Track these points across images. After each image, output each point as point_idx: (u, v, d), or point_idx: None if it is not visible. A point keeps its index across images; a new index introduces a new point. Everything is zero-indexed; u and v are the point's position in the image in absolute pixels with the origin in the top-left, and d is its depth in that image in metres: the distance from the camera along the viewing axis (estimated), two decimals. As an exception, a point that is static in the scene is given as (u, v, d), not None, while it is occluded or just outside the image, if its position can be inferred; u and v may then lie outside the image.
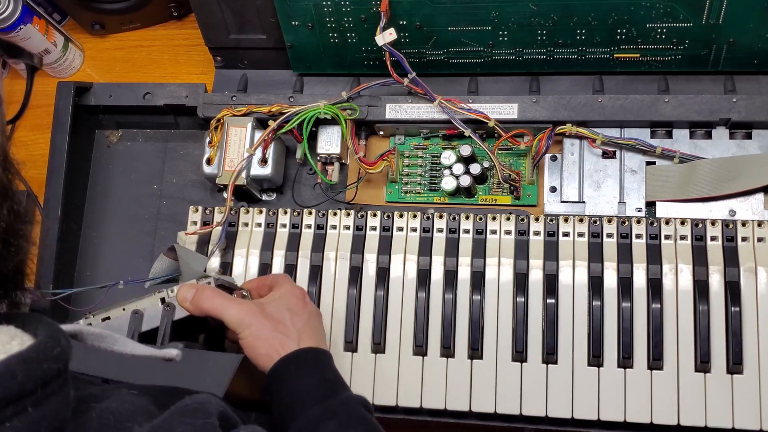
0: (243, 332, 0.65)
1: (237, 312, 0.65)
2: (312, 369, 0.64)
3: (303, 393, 0.62)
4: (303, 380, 0.63)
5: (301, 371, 0.64)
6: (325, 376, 0.64)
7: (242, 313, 0.65)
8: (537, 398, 0.73)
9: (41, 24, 0.93)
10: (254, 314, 0.66)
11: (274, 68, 0.90)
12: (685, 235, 0.75)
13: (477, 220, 0.78)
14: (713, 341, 0.71)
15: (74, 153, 0.87)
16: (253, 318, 0.65)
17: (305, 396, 0.62)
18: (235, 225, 0.83)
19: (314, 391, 0.62)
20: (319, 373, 0.64)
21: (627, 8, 0.75)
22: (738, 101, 0.76)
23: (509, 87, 0.85)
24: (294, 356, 0.64)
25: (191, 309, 0.67)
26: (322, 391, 0.62)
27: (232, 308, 0.66)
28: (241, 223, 0.83)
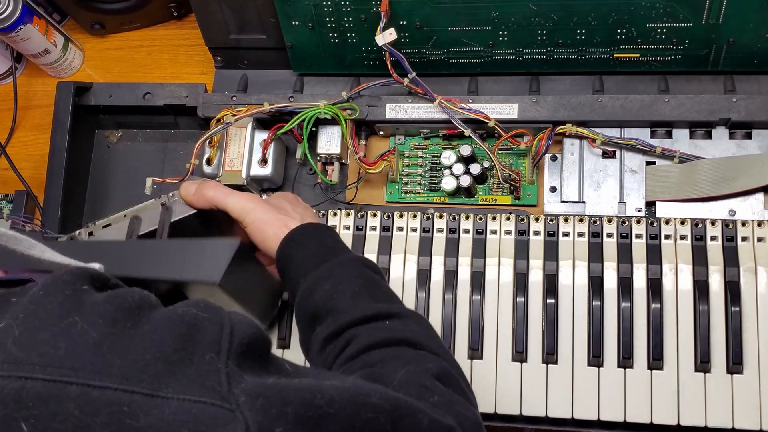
0: (247, 217, 0.67)
1: (239, 198, 0.68)
2: (311, 239, 0.65)
3: (305, 262, 0.64)
4: (304, 251, 0.64)
5: (302, 244, 0.65)
6: (323, 243, 0.65)
7: (244, 199, 0.68)
8: (537, 398, 0.73)
9: (41, 24, 0.93)
10: (257, 200, 0.68)
11: (274, 68, 0.90)
12: (685, 235, 0.75)
13: (477, 220, 0.78)
14: (713, 341, 0.71)
15: (74, 153, 0.87)
16: (257, 203, 0.68)
17: (307, 264, 0.63)
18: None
19: (312, 260, 0.63)
20: (317, 241, 0.65)
21: (627, 8, 0.75)
22: (738, 101, 0.76)
23: (509, 87, 0.85)
24: (293, 233, 0.66)
25: (194, 200, 0.69)
26: (319, 258, 0.63)
27: (235, 195, 0.68)
28: (241, 223, 0.83)
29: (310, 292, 0.61)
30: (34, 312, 0.39)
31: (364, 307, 0.58)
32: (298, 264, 0.64)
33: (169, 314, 0.42)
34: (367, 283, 0.61)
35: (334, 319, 0.59)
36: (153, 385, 0.38)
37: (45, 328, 0.39)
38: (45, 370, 0.37)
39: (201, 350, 0.41)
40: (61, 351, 0.38)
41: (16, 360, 0.37)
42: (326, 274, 0.62)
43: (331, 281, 0.61)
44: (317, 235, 0.66)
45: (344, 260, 0.63)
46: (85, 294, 0.42)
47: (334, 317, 0.59)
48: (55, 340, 0.38)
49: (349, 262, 0.63)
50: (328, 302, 0.60)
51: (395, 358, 0.54)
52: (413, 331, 0.57)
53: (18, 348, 0.37)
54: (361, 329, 0.57)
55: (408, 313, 0.60)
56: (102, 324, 0.40)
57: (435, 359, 0.55)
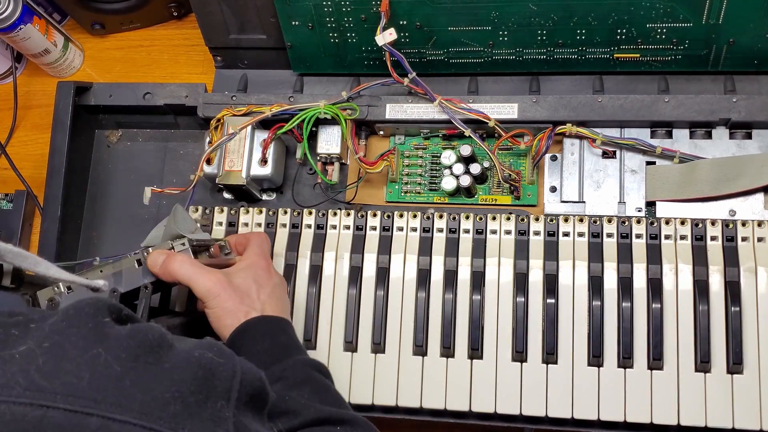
0: (210, 302, 0.65)
1: (205, 282, 0.65)
2: (264, 335, 0.64)
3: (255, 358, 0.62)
4: (256, 347, 0.63)
5: (254, 338, 0.64)
6: (276, 341, 0.64)
7: (210, 283, 0.65)
8: (537, 398, 0.73)
9: (41, 24, 0.93)
10: (222, 286, 0.65)
11: (274, 68, 0.90)
12: (685, 235, 0.75)
13: (477, 220, 0.78)
14: (713, 341, 0.71)
15: (74, 153, 0.87)
16: (221, 289, 0.65)
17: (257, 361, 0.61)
18: (235, 225, 0.83)
19: (264, 356, 0.62)
20: (270, 339, 0.64)
21: (627, 8, 0.75)
22: (738, 101, 0.76)
23: (509, 87, 0.85)
24: (247, 326, 0.64)
25: (161, 274, 0.66)
26: (272, 356, 0.63)
27: (202, 278, 0.66)
28: (241, 223, 0.83)
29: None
30: (58, 342, 0.40)
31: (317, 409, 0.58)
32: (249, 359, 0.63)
33: (187, 356, 0.43)
34: (317, 388, 0.61)
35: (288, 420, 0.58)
36: (170, 424, 0.39)
37: (69, 358, 0.39)
38: (67, 399, 0.37)
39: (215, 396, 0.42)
40: (84, 382, 0.38)
41: (39, 388, 0.37)
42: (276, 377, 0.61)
43: (281, 384, 0.60)
44: (271, 331, 0.65)
45: (296, 363, 0.62)
46: (107, 326, 0.42)
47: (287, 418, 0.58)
48: (78, 371, 0.39)
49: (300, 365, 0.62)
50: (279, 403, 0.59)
51: None
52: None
53: (41, 376, 0.38)
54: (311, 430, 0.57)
55: (359, 420, 0.59)
56: (125, 358, 0.40)
57: None
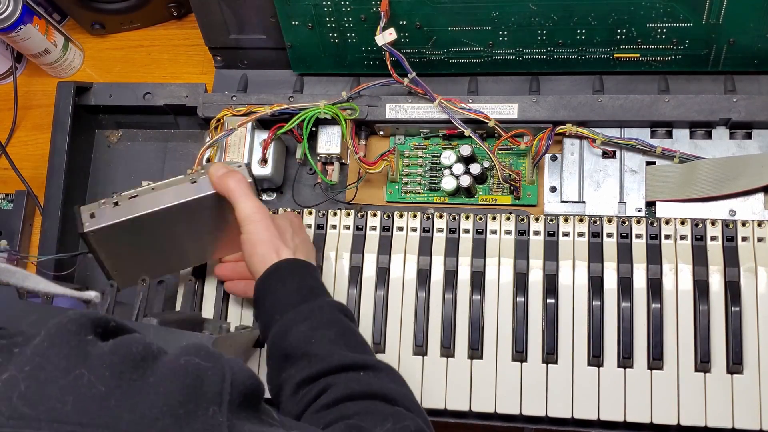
0: (246, 227, 0.67)
1: (249, 205, 0.67)
2: (292, 276, 0.65)
3: (282, 299, 0.63)
4: (283, 288, 0.64)
5: (284, 278, 0.65)
6: (304, 283, 0.65)
7: (255, 208, 0.67)
8: (537, 398, 0.73)
9: (41, 24, 0.93)
10: (264, 214, 0.68)
11: (274, 68, 0.90)
12: (685, 235, 0.75)
13: (477, 220, 0.78)
14: (713, 341, 0.71)
15: (74, 153, 0.87)
16: (263, 217, 0.67)
17: (284, 302, 0.63)
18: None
19: (292, 297, 0.63)
20: (298, 280, 0.65)
21: (627, 8, 0.75)
22: (738, 101, 0.76)
23: (509, 87, 0.85)
24: (279, 265, 0.65)
25: (215, 183, 0.69)
26: (299, 297, 0.63)
27: (249, 200, 0.68)
28: (241, 223, 0.83)
29: (286, 332, 0.61)
30: (40, 365, 0.39)
31: (340, 355, 0.58)
32: (276, 299, 0.64)
33: (172, 366, 0.42)
34: (344, 331, 0.61)
35: (310, 364, 0.59)
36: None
37: (51, 381, 0.38)
38: (52, 426, 0.36)
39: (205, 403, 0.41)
40: (68, 406, 0.37)
41: (22, 416, 0.36)
42: (304, 316, 0.61)
43: (307, 323, 0.61)
44: (300, 273, 0.66)
45: (323, 304, 0.63)
46: (90, 344, 0.41)
47: (310, 362, 0.59)
48: (62, 395, 0.38)
49: (327, 307, 0.63)
50: (303, 345, 0.60)
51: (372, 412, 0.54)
52: (388, 387, 0.57)
53: (24, 403, 0.37)
54: (337, 378, 0.57)
55: (382, 366, 0.60)
56: (109, 376, 0.39)
57: (411, 418, 0.55)
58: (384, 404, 0.55)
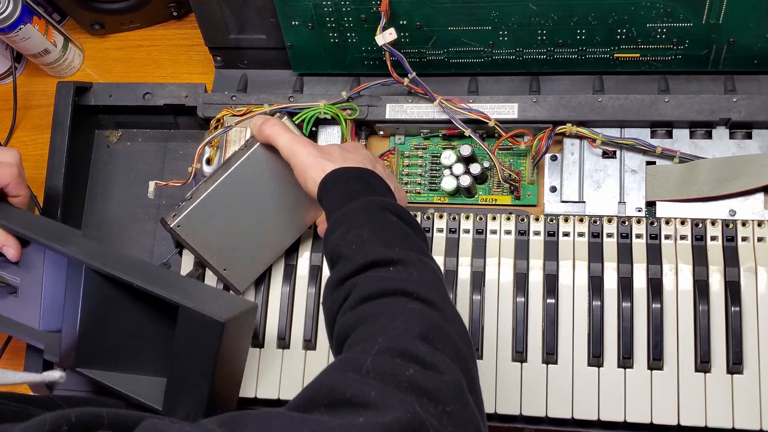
0: (293, 159, 0.68)
1: (289, 139, 0.69)
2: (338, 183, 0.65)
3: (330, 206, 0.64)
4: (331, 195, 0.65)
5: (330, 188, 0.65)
6: (348, 186, 0.65)
7: (293, 140, 0.69)
8: (537, 398, 0.73)
9: (41, 24, 0.93)
10: (304, 143, 0.69)
11: (274, 68, 0.90)
12: (685, 235, 0.75)
13: (477, 220, 0.78)
14: (713, 341, 0.71)
15: (74, 153, 0.87)
16: (303, 145, 0.68)
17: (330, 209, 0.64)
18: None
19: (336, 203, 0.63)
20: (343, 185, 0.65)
21: (627, 8, 0.75)
22: (738, 101, 0.76)
23: (509, 87, 0.85)
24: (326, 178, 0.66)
25: (257, 134, 0.72)
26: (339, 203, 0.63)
27: (285, 135, 0.70)
28: (241, 223, 0.83)
29: (327, 237, 0.62)
30: None
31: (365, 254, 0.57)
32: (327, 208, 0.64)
33: None
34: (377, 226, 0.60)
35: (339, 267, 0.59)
36: None
37: None
38: None
39: None
40: None
41: None
42: (340, 219, 0.61)
43: (342, 228, 0.60)
44: (344, 179, 0.66)
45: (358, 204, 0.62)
46: None
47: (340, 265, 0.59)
48: None
49: (363, 206, 0.62)
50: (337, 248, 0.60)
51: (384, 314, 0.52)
52: (411, 281, 0.55)
53: None
54: (360, 278, 0.56)
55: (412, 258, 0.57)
56: None
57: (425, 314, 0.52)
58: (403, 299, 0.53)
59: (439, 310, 0.53)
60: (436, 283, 0.57)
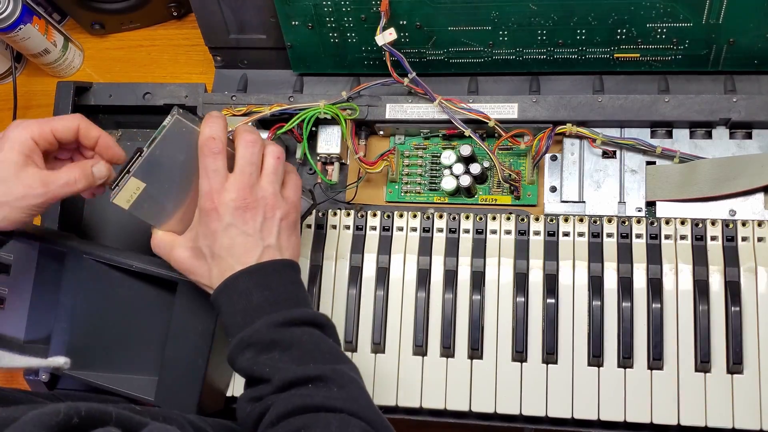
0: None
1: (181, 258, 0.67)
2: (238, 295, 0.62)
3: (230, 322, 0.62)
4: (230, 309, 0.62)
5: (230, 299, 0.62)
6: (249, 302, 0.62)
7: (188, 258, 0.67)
8: (537, 398, 0.73)
9: (41, 24, 0.93)
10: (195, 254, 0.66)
11: (274, 68, 0.90)
12: (685, 235, 0.75)
13: (477, 220, 0.78)
14: (713, 341, 0.71)
15: (74, 153, 0.87)
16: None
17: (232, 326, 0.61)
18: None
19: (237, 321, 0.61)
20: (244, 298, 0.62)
21: (627, 8, 0.75)
22: (738, 101, 0.76)
23: (509, 87, 0.85)
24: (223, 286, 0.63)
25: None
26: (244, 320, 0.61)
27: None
28: (241, 223, 0.83)
29: (234, 357, 0.60)
30: None
31: (281, 375, 0.57)
32: (227, 320, 0.62)
33: None
34: (288, 345, 0.59)
35: (255, 387, 0.58)
36: None
37: None
38: None
39: None
40: None
41: None
42: (246, 341, 0.60)
43: (251, 350, 0.59)
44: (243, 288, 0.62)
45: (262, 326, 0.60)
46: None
47: (256, 385, 0.59)
48: None
49: (267, 327, 0.60)
50: (249, 370, 0.59)
51: (316, 423, 0.53)
52: (333, 397, 0.56)
53: None
54: (280, 397, 0.56)
55: (328, 374, 0.57)
56: None
57: (356, 424, 0.54)
58: (328, 414, 0.54)
59: (367, 422, 0.55)
60: (357, 394, 0.58)
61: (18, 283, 0.76)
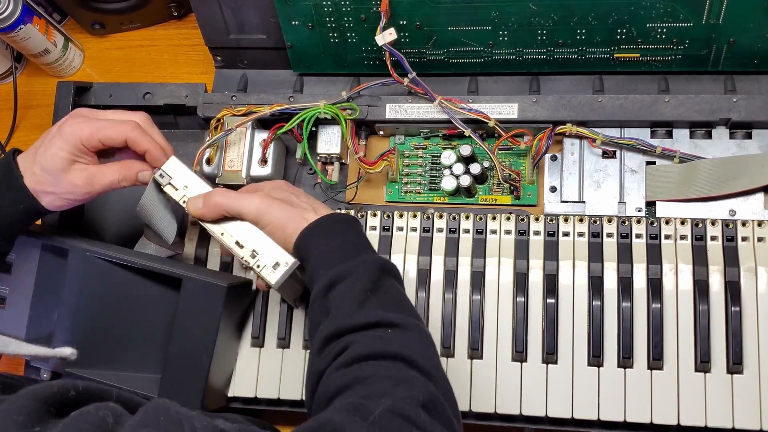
0: (264, 218, 0.67)
1: (251, 200, 0.68)
2: (334, 234, 0.65)
3: (327, 255, 0.63)
4: (326, 244, 0.64)
5: (325, 235, 0.65)
6: (348, 238, 0.65)
7: (257, 200, 0.68)
8: (537, 398, 0.73)
9: (41, 24, 0.93)
10: (268, 200, 0.68)
11: (274, 68, 0.90)
12: (685, 235, 0.75)
13: (477, 220, 0.78)
14: (713, 341, 0.71)
15: (74, 153, 0.87)
16: (269, 203, 0.67)
17: (328, 258, 0.63)
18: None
19: (336, 253, 0.63)
20: (342, 235, 0.65)
21: (627, 8, 0.75)
22: (738, 101, 0.76)
23: (509, 87, 0.85)
24: (317, 223, 0.66)
25: (206, 213, 0.69)
26: (343, 253, 0.63)
27: (245, 198, 0.68)
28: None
29: (327, 289, 0.61)
30: None
31: (367, 313, 0.58)
32: (321, 254, 0.64)
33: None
34: (380, 287, 0.61)
35: (337, 321, 0.58)
36: None
37: None
38: None
39: None
40: None
41: None
42: (345, 273, 0.61)
43: (348, 280, 0.60)
44: (343, 228, 0.66)
45: (366, 260, 0.62)
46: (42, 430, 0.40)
47: (338, 319, 0.58)
48: None
49: (370, 263, 0.62)
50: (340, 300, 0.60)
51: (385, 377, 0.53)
52: (410, 347, 0.56)
53: None
54: (359, 336, 0.57)
55: (411, 324, 0.59)
56: None
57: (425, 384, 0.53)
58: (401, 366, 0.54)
59: (434, 381, 0.55)
60: (431, 353, 0.59)
61: (19, 281, 0.76)
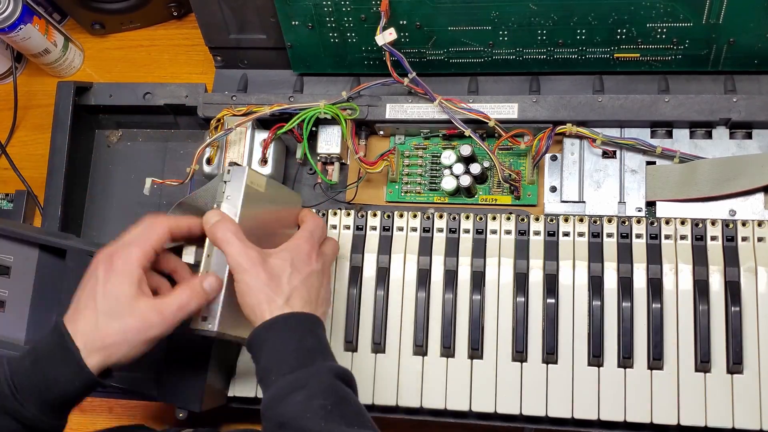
0: (237, 276, 0.64)
1: (238, 254, 0.64)
2: (290, 335, 0.62)
3: (279, 360, 0.61)
4: (280, 346, 0.62)
5: (279, 337, 0.62)
6: (302, 344, 0.62)
7: (242, 257, 0.64)
8: (537, 398, 0.73)
9: (41, 24, 0.93)
10: (252, 262, 0.64)
11: (274, 68, 0.90)
12: (685, 235, 0.75)
13: (477, 220, 0.78)
14: (713, 341, 0.71)
15: (74, 153, 0.87)
16: (251, 266, 0.64)
17: (281, 363, 0.61)
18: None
19: (289, 359, 0.61)
20: (296, 341, 0.62)
21: (627, 8, 0.75)
22: (738, 101, 0.76)
23: (509, 87, 0.85)
24: (274, 322, 0.63)
25: (207, 232, 0.67)
26: (297, 360, 0.61)
27: (235, 248, 0.64)
28: (241, 223, 0.83)
29: (282, 399, 0.59)
30: None
31: (333, 430, 0.56)
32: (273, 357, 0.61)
33: None
34: (340, 400, 0.58)
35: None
36: None
37: None
38: None
39: None
40: None
41: None
42: (300, 384, 0.59)
43: (304, 392, 0.58)
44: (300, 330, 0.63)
45: (321, 371, 0.60)
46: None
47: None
48: None
49: (325, 374, 0.60)
50: (299, 418, 0.57)
51: None
52: None
53: None
54: None
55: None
56: None
57: None
58: None
59: None
60: None
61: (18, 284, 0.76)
